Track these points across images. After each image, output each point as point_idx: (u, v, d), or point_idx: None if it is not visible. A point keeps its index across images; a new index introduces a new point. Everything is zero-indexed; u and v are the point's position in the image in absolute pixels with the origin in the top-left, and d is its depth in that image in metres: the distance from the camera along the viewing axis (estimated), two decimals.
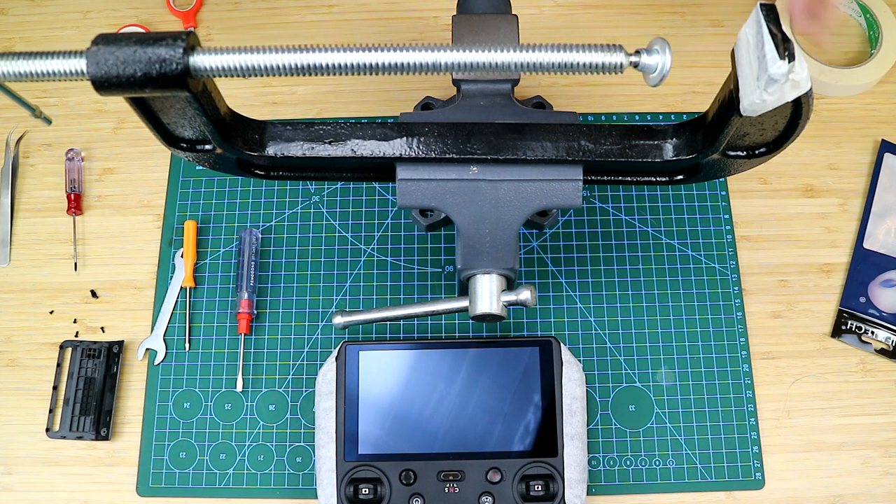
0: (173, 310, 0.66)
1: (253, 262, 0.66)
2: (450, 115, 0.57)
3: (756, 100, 0.41)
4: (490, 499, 0.57)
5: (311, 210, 0.69)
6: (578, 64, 0.43)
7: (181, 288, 0.67)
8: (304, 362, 0.65)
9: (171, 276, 0.67)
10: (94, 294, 0.67)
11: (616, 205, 0.69)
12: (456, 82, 0.60)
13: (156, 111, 0.48)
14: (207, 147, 0.53)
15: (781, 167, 0.70)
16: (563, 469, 0.57)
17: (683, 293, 0.66)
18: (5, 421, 0.64)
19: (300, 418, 0.63)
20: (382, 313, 0.55)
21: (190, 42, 0.41)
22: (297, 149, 0.52)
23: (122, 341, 0.65)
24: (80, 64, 0.42)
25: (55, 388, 0.64)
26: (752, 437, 0.62)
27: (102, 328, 0.66)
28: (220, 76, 0.42)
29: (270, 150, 0.52)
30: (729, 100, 0.45)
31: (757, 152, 0.51)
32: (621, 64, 0.43)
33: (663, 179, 0.56)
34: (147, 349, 0.65)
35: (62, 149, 0.71)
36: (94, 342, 0.65)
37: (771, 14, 0.40)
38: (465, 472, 0.57)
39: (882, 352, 0.65)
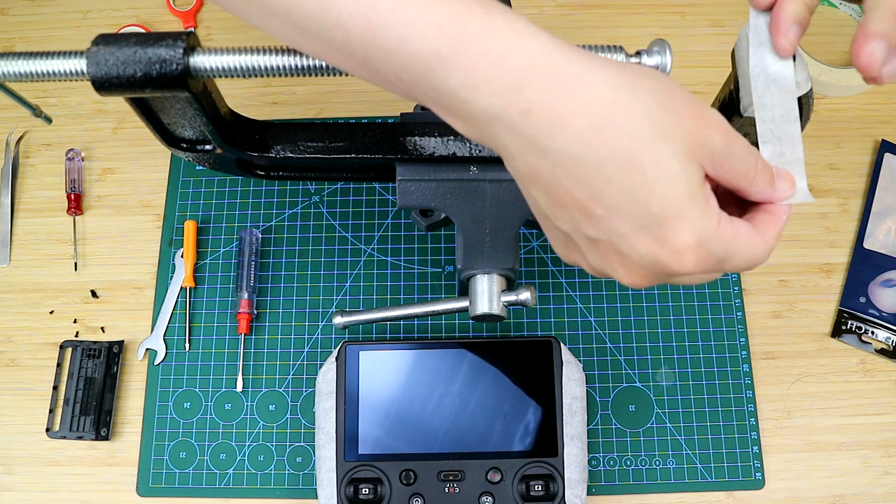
0: (173, 310, 0.66)
1: (253, 262, 0.66)
2: None
3: None
4: (490, 499, 0.57)
5: (311, 210, 0.69)
6: None
7: (181, 288, 0.67)
8: (304, 362, 0.65)
9: (171, 276, 0.67)
10: (94, 294, 0.67)
11: None
12: None
13: (156, 111, 0.48)
14: (207, 147, 0.53)
15: None
16: (563, 469, 0.57)
17: (683, 293, 0.66)
18: (5, 421, 0.64)
19: (300, 418, 0.63)
20: (382, 313, 0.55)
21: (190, 42, 0.42)
22: (298, 149, 0.52)
23: (122, 341, 0.65)
24: (80, 64, 0.42)
25: (55, 388, 0.64)
26: (752, 437, 0.62)
27: (102, 328, 0.66)
28: (220, 76, 0.42)
29: (270, 151, 0.52)
30: (729, 100, 0.45)
31: None
32: None
33: None
34: (147, 349, 0.65)
35: (62, 149, 0.71)
36: (94, 342, 0.65)
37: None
38: (465, 472, 0.57)
39: (882, 352, 0.65)
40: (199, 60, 0.42)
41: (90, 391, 0.63)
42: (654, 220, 0.32)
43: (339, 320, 0.55)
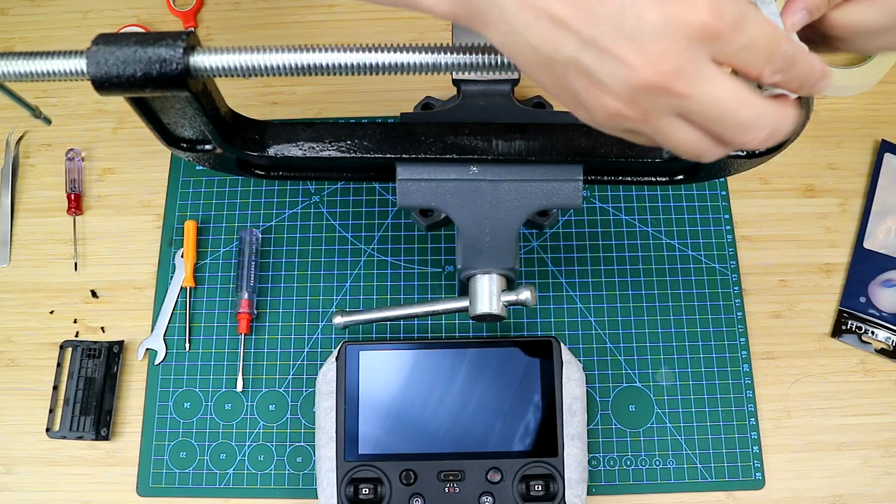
0: (173, 310, 0.66)
1: (253, 262, 0.66)
2: (450, 115, 0.57)
3: None
4: (490, 499, 0.57)
5: (311, 210, 0.69)
6: None
7: (181, 288, 0.67)
8: (304, 362, 0.65)
9: (171, 276, 0.67)
10: (94, 294, 0.67)
11: (616, 205, 0.69)
12: (456, 82, 0.60)
13: (156, 111, 0.48)
14: (207, 147, 0.53)
15: (781, 167, 0.70)
16: (563, 469, 0.57)
17: (683, 293, 0.66)
18: (5, 421, 0.64)
19: (300, 418, 0.63)
20: (382, 313, 0.55)
21: (190, 42, 0.41)
22: (298, 149, 0.52)
23: (123, 341, 0.65)
24: (80, 64, 0.42)
25: (55, 388, 0.64)
26: (752, 437, 0.62)
27: (102, 328, 0.66)
28: (220, 76, 0.42)
29: (271, 151, 0.52)
30: None
31: (757, 152, 0.51)
32: None
33: (663, 179, 0.56)
34: (147, 349, 0.65)
35: (62, 149, 0.71)
36: (95, 342, 0.65)
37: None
38: (465, 472, 0.57)
39: (882, 352, 0.65)
40: (199, 60, 0.42)
41: (90, 391, 0.63)
42: None
43: (339, 320, 0.55)
